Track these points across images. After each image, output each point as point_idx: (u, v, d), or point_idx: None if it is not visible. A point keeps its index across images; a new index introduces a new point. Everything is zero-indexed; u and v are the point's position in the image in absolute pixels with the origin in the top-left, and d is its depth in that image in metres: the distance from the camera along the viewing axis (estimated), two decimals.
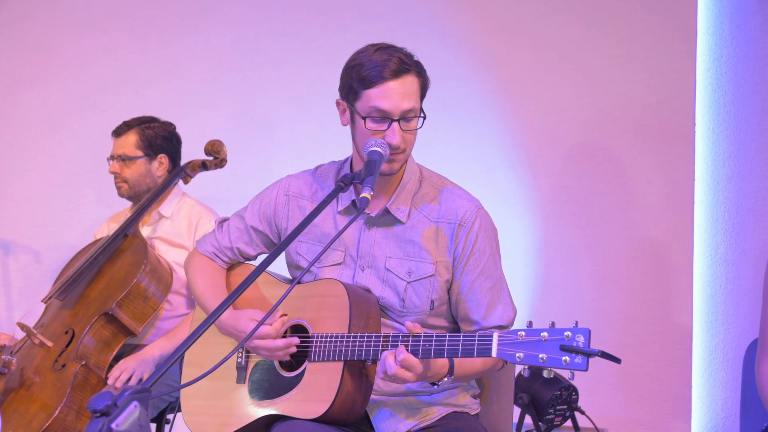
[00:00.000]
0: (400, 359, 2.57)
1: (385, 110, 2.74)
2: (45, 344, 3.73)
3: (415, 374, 2.60)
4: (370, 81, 2.75)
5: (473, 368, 2.81)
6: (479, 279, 2.88)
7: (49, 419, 3.53)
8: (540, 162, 4.74)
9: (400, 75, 2.75)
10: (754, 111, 4.51)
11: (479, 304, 2.87)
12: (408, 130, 2.79)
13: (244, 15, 5.13)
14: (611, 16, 4.68)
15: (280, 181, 3.09)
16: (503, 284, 2.93)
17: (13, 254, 5.19)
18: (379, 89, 2.74)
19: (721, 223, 4.53)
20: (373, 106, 2.75)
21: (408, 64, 2.77)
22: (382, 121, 2.75)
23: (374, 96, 2.74)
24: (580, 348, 2.35)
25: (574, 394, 3.88)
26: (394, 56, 2.76)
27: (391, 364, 2.58)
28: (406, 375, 2.59)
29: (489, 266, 2.89)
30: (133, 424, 2.01)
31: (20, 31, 5.33)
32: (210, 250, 3.12)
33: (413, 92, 2.77)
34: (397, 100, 2.74)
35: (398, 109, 2.75)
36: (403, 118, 2.76)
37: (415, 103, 2.78)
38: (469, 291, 2.88)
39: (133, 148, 4.13)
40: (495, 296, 2.89)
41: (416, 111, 2.79)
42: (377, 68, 2.74)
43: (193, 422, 3.02)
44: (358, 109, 2.78)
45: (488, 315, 2.87)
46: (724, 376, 4.50)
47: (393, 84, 2.74)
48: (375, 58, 2.76)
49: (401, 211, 2.88)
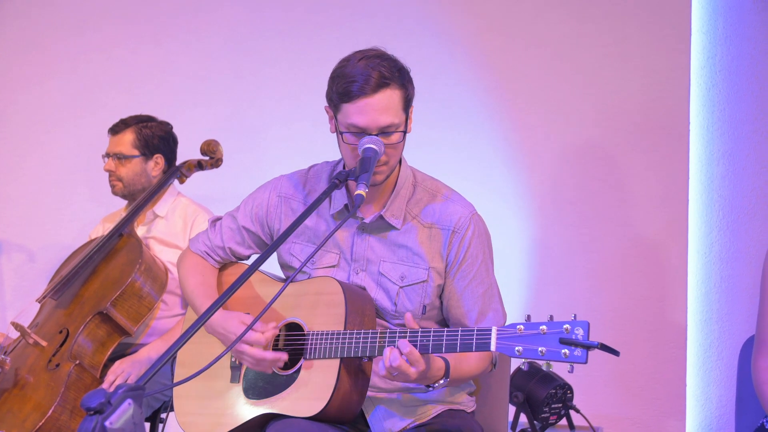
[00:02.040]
0: (406, 352, 2.55)
1: (361, 127, 2.70)
2: (39, 344, 3.72)
3: (417, 370, 2.57)
4: (347, 95, 2.70)
5: (467, 372, 2.80)
6: (471, 284, 2.87)
7: (42, 419, 3.51)
8: (534, 160, 4.74)
9: (379, 89, 2.69)
10: (748, 109, 4.51)
11: (471, 310, 2.87)
12: (388, 145, 2.74)
13: (238, 14, 5.12)
14: (606, 14, 4.68)
15: (273, 181, 3.07)
16: (495, 290, 2.92)
17: (6, 253, 5.18)
18: (356, 105, 2.70)
19: (715, 221, 4.53)
20: (350, 122, 2.71)
21: (388, 78, 2.71)
22: (360, 135, 2.72)
23: (351, 111, 2.71)
24: (579, 341, 2.35)
25: (569, 392, 3.88)
26: (375, 70, 2.70)
27: (396, 356, 2.55)
28: (409, 370, 2.56)
29: (481, 272, 2.88)
30: (127, 422, 2.00)
31: (13, 30, 5.31)
32: (202, 249, 3.11)
33: (392, 106, 2.71)
34: (374, 116, 2.70)
35: (375, 125, 2.70)
36: (381, 133, 2.72)
37: (394, 117, 2.72)
38: (461, 296, 2.87)
39: (130, 147, 4.12)
40: (486, 302, 2.88)
41: (397, 125, 2.73)
42: (356, 83, 2.69)
43: (186, 422, 3.00)
44: (339, 121, 2.76)
45: (479, 320, 2.87)
46: (718, 374, 4.50)
47: (370, 100, 2.69)
48: (357, 70, 2.70)
49: (396, 217, 2.87)
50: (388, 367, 2.58)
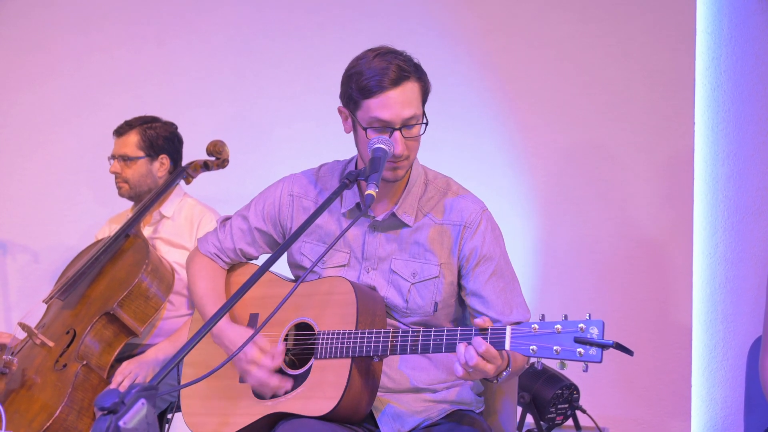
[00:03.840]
0: (482, 351, 2.51)
1: (385, 120, 2.71)
2: (46, 344, 3.71)
3: (495, 366, 2.53)
4: (369, 91, 2.71)
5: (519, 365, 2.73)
6: (492, 280, 2.86)
7: (49, 419, 3.51)
8: (538, 160, 4.74)
9: (400, 83, 2.71)
10: (753, 109, 4.51)
11: (493, 306, 2.85)
12: (410, 138, 2.76)
13: (241, 14, 5.11)
14: (609, 14, 4.68)
15: (284, 180, 3.07)
16: (516, 284, 2.91)
17: (10, 254, 5.17)
18: (379, 99, 2.71)
19: (720, 221, 4.53)
20: (373, 116, 2.72)
21: (407, 71, 2.73)
22: (383, 130, 2.73)
23: (374, 106, 2.71)
24: (594, 340, 2.35)
25: (575, 392, 3.88)
26: (392, 63, 2.72)
27: (472, 355, 2.50)
28: (486, 366, 2.52)
29: (501, 267, 2.87)
30: (141, 422, 1.99)
31: (16, 31, 5.31)
32: (211, 250, 3.10)
33: (413, 99, 2.74)
34: (397, 109, 2.71)
35: (399, 118, 2.72)
36: (404, 126, 2.73)
37: (416, 109, 2.74)
38: (482, 292, 2.85)
39: (135, 148, 4.12)
40: (510, 296, 2.87)
41: (417, 117, 2.75)
42: (376, 78, 2.70)
43: (194, 422, 2.99)
44: (359, 119, 2.76)
45: (505, 315, 2.85)
46: (723, 375, 4.50)
47: (392, 93, 2.71)
48: (374, 65, 2.72)
49: (408, 214, 2.87)
50: (464, 365, 2.53)
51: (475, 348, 2.53)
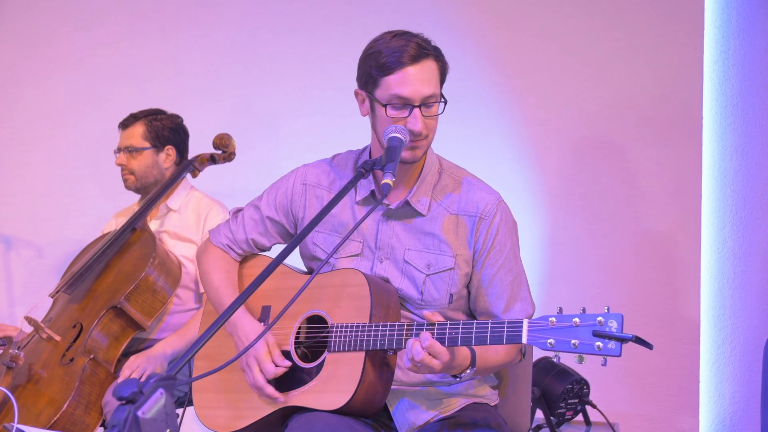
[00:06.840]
0: (426, 346, 2.52)
1: (405, 97, 2.70)
2: (53, 338, 3.68)
3: (441, 362, 2.55)
4: (388, 67, 2.70)
5: (495, 361, 2.77)
6: (500, 273, 2.84)
7: (57, 414, 3.48)
8: (545, 156, 4.72)
9: (419, 60, 2.70)
10: (761, 104, 4.49)
11: (499, 298, 2.84)
12: (429, 116, 2.74)
13: (246, 8, 5.09)
14: (617, 8, 4.66)
15: (297, 170, 3.05)
16: (523, 279, 2.90)
17: (14, 249, 5.14)
18: (399, 75, 2.70)
19: (728, 216, 4.51)
20: (393, 93, 2.70)
21: (426, 49, 2.73)
22: (403, 108, 2.71)
23: (394, 83, 2.70)
24: (613, 333, 2.32)
25: (585, 387, 3.85)
26: (411, 41, 2.72)
27: (419, 350, 2.53)
28: (432, 362, 2.54)
29: (510, 260, 2.86)
30: (159, 412, 1.97)
31: (19, 25, 5.28)
32: (224, 242, 3.08)
33: (433, 77, 2.73)
34: (417, 86, 2.69)
35: (419, 95, 2.70)
36: (424, 104, 2.72)
37: (435, 88, 2.73)
38: (489, 284, 2.84)
39: (140, 139, 4.10)
40: (515, 291, 2.86)
41: (437, 96, 2.74)
42: (395, 54, 2.69)
43: (206, 416, 2.97)
44: (378, 97, 2.74)
45: (508, 309, 2.84)
46: (731, 371, 4.48)
47: (412, 69, 2.70)
48: (392, 44, 2.72)
49: (422, 203, 2.85)
50: (411, 360, 2.55)
51: (421, 342, 2.53)
